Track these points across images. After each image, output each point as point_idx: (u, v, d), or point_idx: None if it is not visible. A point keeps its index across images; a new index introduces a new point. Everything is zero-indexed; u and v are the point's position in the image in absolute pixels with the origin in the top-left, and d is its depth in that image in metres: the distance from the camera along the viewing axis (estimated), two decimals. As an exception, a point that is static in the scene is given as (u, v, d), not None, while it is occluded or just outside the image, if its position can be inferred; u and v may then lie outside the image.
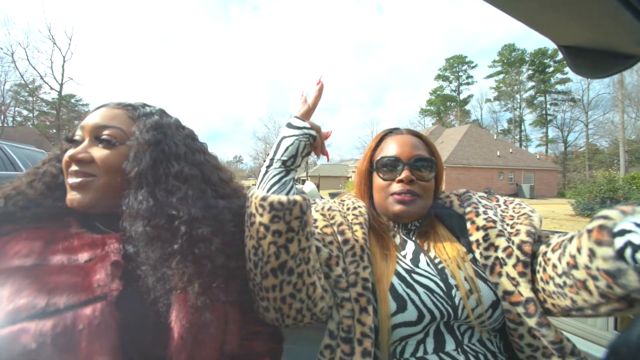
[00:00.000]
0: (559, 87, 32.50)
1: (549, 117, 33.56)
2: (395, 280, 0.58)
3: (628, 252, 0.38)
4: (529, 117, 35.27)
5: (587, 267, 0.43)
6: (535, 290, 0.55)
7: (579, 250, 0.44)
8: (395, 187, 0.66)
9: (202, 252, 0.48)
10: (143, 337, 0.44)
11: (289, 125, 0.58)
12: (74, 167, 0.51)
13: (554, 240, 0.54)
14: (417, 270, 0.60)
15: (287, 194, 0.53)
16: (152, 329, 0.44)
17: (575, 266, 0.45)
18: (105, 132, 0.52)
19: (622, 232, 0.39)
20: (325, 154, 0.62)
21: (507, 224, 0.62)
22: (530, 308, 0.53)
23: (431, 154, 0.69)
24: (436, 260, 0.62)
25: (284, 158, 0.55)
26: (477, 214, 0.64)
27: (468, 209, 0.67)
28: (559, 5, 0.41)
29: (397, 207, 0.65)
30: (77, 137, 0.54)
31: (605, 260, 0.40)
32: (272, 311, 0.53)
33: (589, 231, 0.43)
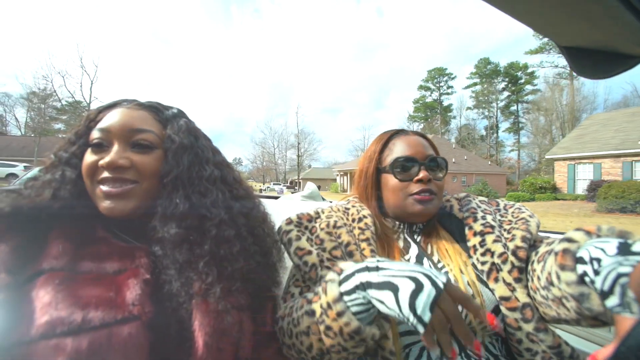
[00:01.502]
0: (530, 97, 34.51)
1: (520, 125, 35.51)
2: None
3: (587, 279, 0.38)
4: (504, 124, 37.29)
5: (559, 288, 0.43)
6: (530, 296, 0.55)
7: (552, 268, 0.44)
8: (414, 187, 0.64)
9: (225, 255, 0.49)
10: (170, 350, 0.43)
11: (411, 302, 0.38)
12: (108, 174, 0.47)
13: (542, 249, 0.53)
14: None
15: (370, 315, 0.44)
16: (176, 337, 0.44)
17: (552, 283, 0.45)
18: (141, 136, 0.50)
19: (582, 260, 0.39)
20: (452, 356, 0.40)
21: (505, 229, 0.62)
22: (527, 313, 0.53)
23: (437, 154, 0.69)
24: (439, 265, 0.61)
25: (373, 302, 0.42)
26: (475, 219, 0.64)
27: (466, 214, 0.66)
28: (560, 6, 0.40)
29: (418, 207, 0.63)
30: (101, 141, 0.49)
31: (569, 285, 0.40)
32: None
33: (555, 254, 0.43)
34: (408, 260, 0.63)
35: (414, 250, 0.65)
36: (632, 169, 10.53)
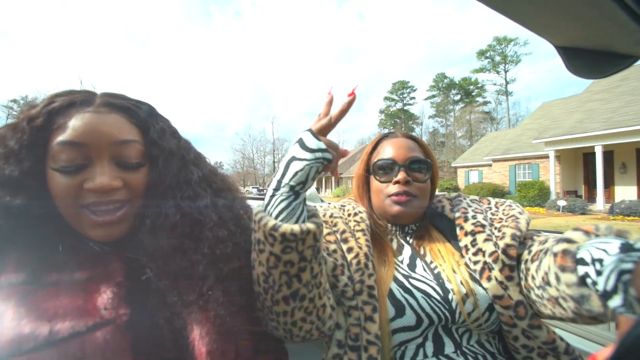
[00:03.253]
0: (481, 109, 38.20)
1: (473, 132, 39.06)
2: (393, 286, 0.57)
3: (589, 281, 0.37)
4: (459, 132, 40.62)
5: (556, 288, 0.42)
6: (524, 293, 0.54)
7: (549, 269, 0.44)
8: (392, 188, 0.64)
9: (221, 254, 0.47)
10: (158, 349, 0.41)
11: (302, 145, 0.46)
12: (97, 199, 0.41)
13: (535, 247, 0.52)
14: (414, 275, 0.60)
15: (298, 220, 0.46)
16: (170, 346, 0.41)
17: (548, 283, 0.44)
18: (127, 150, 0.44)
19: (583, 261, 0.39)
20: (336, 175, 0.52)
21: (496, 227, 0.62)
22: (520, 311, 0.53)
23: (426, 156, 0.68)
24: (432, 265, 0.62)
25: (292, 183, 0.46)
26: (466, 219, 0.64)
27: (457, 214, 0.66)
28: (555, 7, 0.39)
29: (395, 208, 0.64)
30: (76, 162, 0.41)
31: (569, 286, 0.39)
32: (282, 331, 0.51)
33: (555, 255, 0.42)
34: (402, 261, 0.64)
35: (407, 251, 0.65)
36: (515, 172, 14.06)
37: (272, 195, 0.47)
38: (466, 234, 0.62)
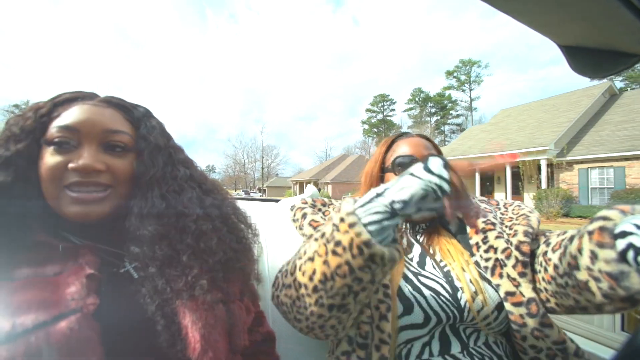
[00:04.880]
0: (454, 120, 40.61)
1: (447, 143, 41.24)
2: (402, 283, 0.57)
3: (630, 254, 0.36)
4: (436, 141, 42.78)
5: (589, 269, 0.41)
6: (537, 290, 0.53)
7: (579, 251, 0.42)
8: None
9: (205, 248, 0.48)
10: (134, 338, 0.41)
11: (425, 165, 0.42)
12: (79, 178, 0.44)
13: (554, 239, 0.52)
14: (423, 273, 0.59)
15: (383, 241, 0.42)
16: (165, 333, 0.41)
17: (576, 267, 0.43)
18: (116, 138, 0.47)
19: (624, 234, 0.38)
20: (473, 222, 0.48)
21: (506, 226, 0.61)
22: (532, 308, 0.51)
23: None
24: (442, 264, 0.61)
25: (394, 198, 0.41)
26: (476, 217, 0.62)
27: None
28: (559, 6, 0.38)
29: None
30: (67, 140, 0.44)
31: (608, 262, 0.38)
32: (303, 326, 0.49)
33: (590, 233, 0.41)
34: (411, 259, 0.63)
35: (417, 249, 0.64)
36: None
37: (371, 200, 0.42)
38: (477, 232, 0.61)
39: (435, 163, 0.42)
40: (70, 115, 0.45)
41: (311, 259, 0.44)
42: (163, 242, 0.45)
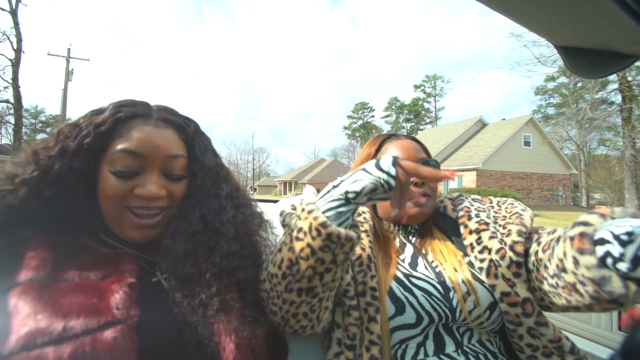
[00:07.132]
0: (427, 127, 42.77)
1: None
2: (393, 284, 0.56)
3: (609, 261, 0.36)
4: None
5: (574, 273, 0.41)
6: (532, 289, 0.53)
7: (565, 255, 0.42)
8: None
9: (226, 267, 0.48)
10: (162, 354, 0.42)
11: (377, 163, 0.46)
12: (143, 204, 0.45)
13: (544, 238, 0.51)
14: (415, 273, 0.59)
15: (341, 224, 0.45)
16: (189, 343, 0.42)
17: (564, 270, 0.43)
18: (175, 164, 0.48)
19: (602, 241, 0.38)
20: (403, 214, 0.47)
21: (500, 225, 0.60)
22: (527, 308, 0.51)
23: (429, 157, 0.67)
24: (434, 264, 0.60)
25: (347, 189, 0.45)
26: (470, 218, 0.62)
27: (461, 213, 0.65)
28: (555, 7, 0.37)
29: (414, 210, 0.62)
30: (134, 167, 0.45)
31: (589, 268, 0.38)
32: (279, 317, 0.51)
33: (571, 238, 0.41)
34: (403, 260, 0.63)
35: (409, 250, 0.64)
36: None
37: (329, 192, 0.46)
38: (471, 232, 0.60)
39: (385, 161, 0.45)
40: (134, 139, 0.45)
41: (279, 250, 0.47)
42: (189, 259, 0.46)
